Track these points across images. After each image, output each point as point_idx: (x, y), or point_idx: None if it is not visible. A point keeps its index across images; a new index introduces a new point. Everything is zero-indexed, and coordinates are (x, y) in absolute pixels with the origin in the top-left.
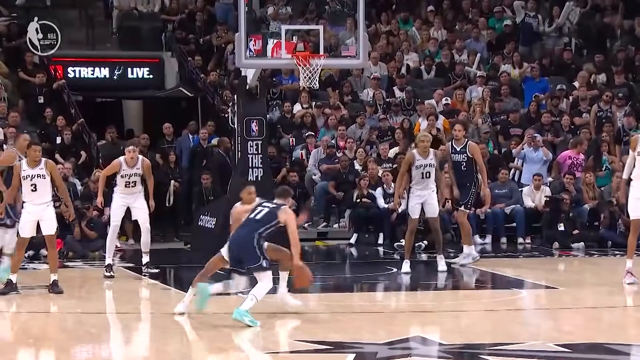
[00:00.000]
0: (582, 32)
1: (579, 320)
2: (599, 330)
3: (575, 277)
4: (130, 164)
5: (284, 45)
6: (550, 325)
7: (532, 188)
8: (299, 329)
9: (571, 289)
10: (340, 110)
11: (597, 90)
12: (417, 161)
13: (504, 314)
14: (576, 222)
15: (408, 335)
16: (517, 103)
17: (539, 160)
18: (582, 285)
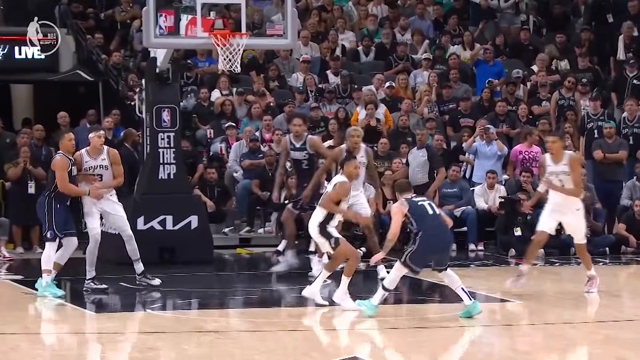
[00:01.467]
0: (541, 9)
1: (538, 338)
2: (560, 349)
3: (534, 289)
4: (94, 153)
5: (200, 22)
6: (505, 343)
7: (485, 187)
8: (216, 347)
9: (529, 302)
10: (265, 97)
11: (558, 76)
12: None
13: (452, 330)
14: (535, 226)
15: (345, 356)
16: (467, 90)
17: (492, 155)
18: (542, 297)
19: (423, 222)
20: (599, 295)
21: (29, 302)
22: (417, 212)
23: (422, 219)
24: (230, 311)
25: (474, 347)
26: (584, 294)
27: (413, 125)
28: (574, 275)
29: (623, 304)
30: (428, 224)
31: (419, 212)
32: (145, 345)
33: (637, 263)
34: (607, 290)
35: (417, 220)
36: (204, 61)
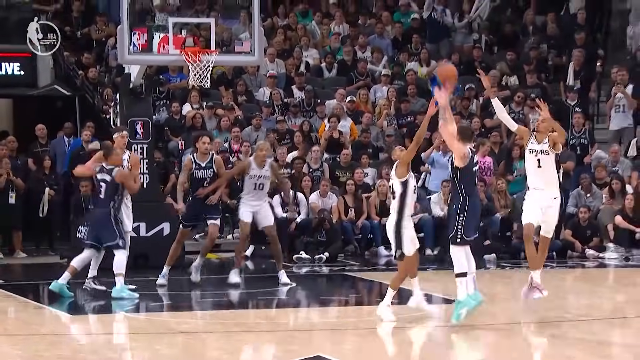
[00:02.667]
0: (492, 29)
1: (491, 339)
2: (512, 349)
3: (486, 292)
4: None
5: (172, 40)
6: (460, 345)
7: (440, 195)
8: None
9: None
10: (234, 111)
11: (508, 91)
12: (252, 170)
13: (411, 332)
14: (487, 233)
15: (308, 355)
16: (424, 104)
17: (448, 165)
18: (494, 300)
19: (471, 187)
20: (546, 297)
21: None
22: (468, 174)
23: (471, 184)
24: (200, 313)
25: (430, 349)
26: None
27: (373, 137)
28: (525, 278)
29: (569, 305)
30: (473, 189)
31: (471, 167)
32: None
33: (582, 267)
34: (554, 292)
35: (465, 185)
36: (176, 77)
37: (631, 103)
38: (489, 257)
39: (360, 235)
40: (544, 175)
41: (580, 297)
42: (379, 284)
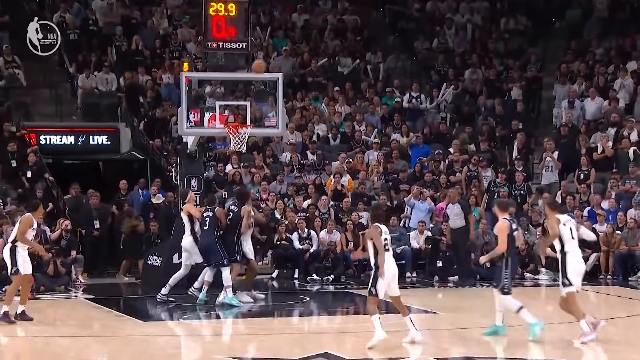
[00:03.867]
0: (455, 109)
1: (456, 338)
2: (472, 346)
3: (452, 304)
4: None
5: (218, 117)
6: (432, 343)
7: (417, 232)
8: (223, 345)
9: (449, 313)
10: (263, 169)
11: (467, 155)
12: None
13: (395, 334)
14: (452, 260)
15: (318, 352)
16: (405, 164)
17: (424, 210)
18: (458, 310)
19: (512, 244)
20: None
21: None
22: (510, 234)
23: (512, 242)
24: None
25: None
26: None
27: (367, 189)
28: (479, 294)
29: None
30: (513, 246)
31: (511, 234)
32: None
33: (522, 285)
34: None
35: (510, 242)
36: (221, 144)
37: (557, 165)
38: (453, 279)
39: (357, 262)
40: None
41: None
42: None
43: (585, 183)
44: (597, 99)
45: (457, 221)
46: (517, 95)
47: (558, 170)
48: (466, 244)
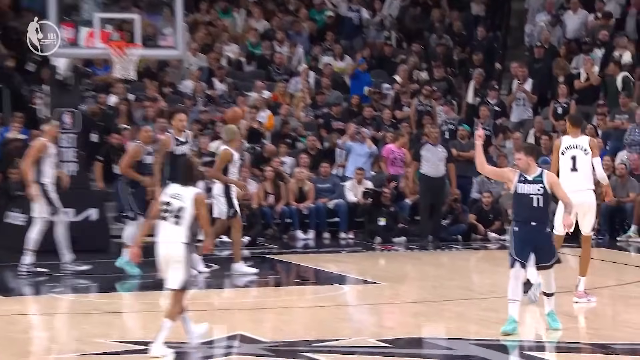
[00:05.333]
0: (402, 26)
1: (401, 316)
2: (420, 325)
3: (397, 272)
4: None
5: (98, 34)
6: (372, 321)
7: (354, 182)
8: (114, 327)
9: (393, 284)
10: (158, 102)
11: (417, 84)
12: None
13: (326, 310)
14: (398, 217)
15: (229, 333)
16: (339, 96)
17: (364, 154)
18: (404, 280)
19: (519, 213)
20: (452, 275)
21: None
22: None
23: (519, 210)
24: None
25: (345, 324)
26: (440, 277)
27: (292, 128)
28: (431, 260)
29: (472, 283)
30: (522, 216)
31: (517, 199)
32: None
33: (485, 249)
34: (459, 272)
35: (514, 209)
36: (102, 69)
37: (530, 97)
38: (399, 240)
39: (279, 219)
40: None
41: (483, 277)
42: (296, 265)
43: (564, 119)
44: (580, 12)
45: (439, 167)
46: (479, 9)
47: (532, 103)
48: (442, 199)
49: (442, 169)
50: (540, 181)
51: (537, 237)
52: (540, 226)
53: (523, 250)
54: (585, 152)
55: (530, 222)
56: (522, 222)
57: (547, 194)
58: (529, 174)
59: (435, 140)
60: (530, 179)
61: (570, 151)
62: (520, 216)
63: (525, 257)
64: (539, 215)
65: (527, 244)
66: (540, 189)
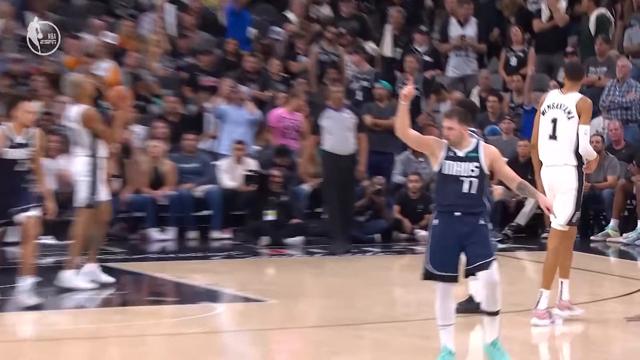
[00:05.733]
0: None
1: (297, 345)
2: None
3: (292, 286)
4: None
5: None
6: (256, 352)
7: (231, 161)
8: None
9: (286, 302)
10: None
11: (318, 23)
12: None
13: (192, 339)
14: (292, 209)
15: None
16: (209, 41)
17: (244, 122)
18: (301, 296)
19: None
20: (367, 290)
21: None
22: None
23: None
24: None
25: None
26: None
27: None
28: (339, 269)
29: (395, 300)
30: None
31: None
32: None
33: (412, 252)
34: (377, 284)
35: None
36: None
37: (474, 46)
38: (294, 241)
39: (125, 212)
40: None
41: (410, 290)
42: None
43: (520, 73)
44: None
45: (347, 140)
46: None
47: (476, 55)
48: (353, 184)
49: (352, 142)
50: (475, 158)
51: (465, 232)
52: (470, 218)
53: (444, 254)
54: (568, 115)
55: (454, 213)
56: (445, 213)
57: (483, 176)
58: (461, 148)
59: (338, 104)
60: (461, 155)
61: (552, 112)
62: (444, 205)
63: (448, 262)
64: (470, 204)
65: (450, 244)
66: (475, 169)
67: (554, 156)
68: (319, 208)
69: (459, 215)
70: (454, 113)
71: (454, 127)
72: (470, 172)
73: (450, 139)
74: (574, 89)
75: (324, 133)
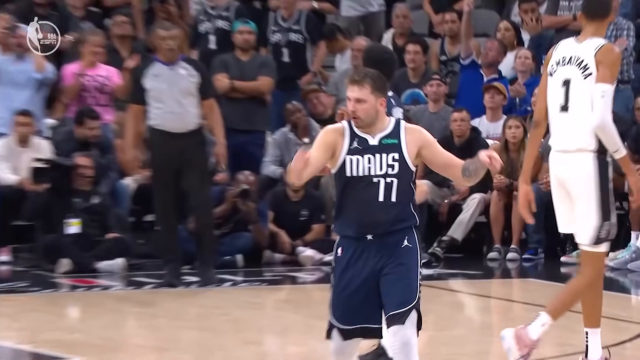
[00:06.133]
0: None
1: None
2: None
3: (108, 334)
4: None
5: None
6: None
7: (12, 143)
8: None
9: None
10: None
11: None
12: None
13: None
14: (107, 217)
15: None
16: None
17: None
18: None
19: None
20: (222, 340)
21: None
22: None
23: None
24: None
25: None
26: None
27: None
28: (178, 309)
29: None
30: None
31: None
32: None
33: (292, 282)
34: (238, 332)
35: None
36: None
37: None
38: (111, 265)
39: None
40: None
41: (290, 340)
42: None
43: (454, 8)
44: None
45: (184, 111)
46: None
47: None
48: (201, 176)
49: (193, 114)
50: (395, 146)
51: (381, 265)
52: (390, 240)
53: (351, 300)
54: (584, 72)
55: (365, 236)
56: (351, 239)
57: (408, 172)
58: (373, 131)
59: (171, 56)
60: (374, 142)
61: (562, 70)
62: (350, 225)
63: (358, 311)
64: (390, 219)
65: (360, 285)
66: (395, 162)
67: (565, 137)
68: (149, 215)
69: (374, 240)
70: (366, 77)
71: (365, 100)
72: (388, 169)
73: (359, 118)
74: (597, 34)
75: (150, 100)
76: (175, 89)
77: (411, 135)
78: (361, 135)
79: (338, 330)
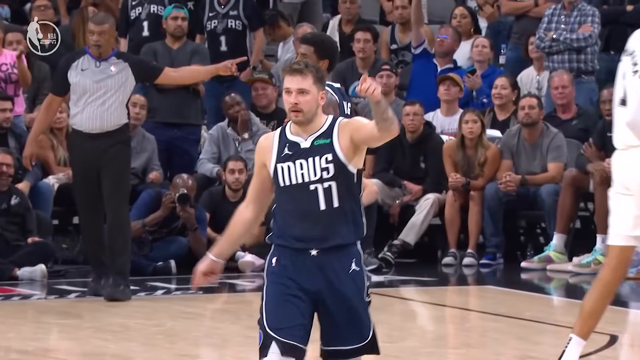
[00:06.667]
0: None
1: None
2: None
3: (27, 349)
4: None
5: None
6: None
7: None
8: None
9: None
10: None
11: None
12: None
13: None
14: (26, 221)
15: None
16: None
17: None
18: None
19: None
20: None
21: None
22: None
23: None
24: None
25: None
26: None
27: None
28: (106, 320)
29: None
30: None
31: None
32: None
33: (232, 290)
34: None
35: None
36: None
37: None
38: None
39: None
40: None
41: (228, 353)
42: None
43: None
44: None
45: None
46: None
47: None
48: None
49: (117, 114)
50: (326, 146)
51: (323, 288)
52: (333, 258)
53: (286, 314)
54: (634, 67)
55: (308, 250)
56: (289, 250)
57: (345, 172)
58: (307, 132)
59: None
60: (305, 145)
61: (623, 61)
62: (291, 237)
63: (294, 328)
64: (332, 231)
65: (296, 301)
66: (329, 164)
67: (622, 134)
68: (74, 217)
69: (317, 256)
70: (308, 67)
71: (309, 91)
72: (323, 172)
73: (301, 111)
74: None
75: (71, 94)
76: (100, 86)
77: (342, 130)
78: (292, 139)
79: (274, 339)
